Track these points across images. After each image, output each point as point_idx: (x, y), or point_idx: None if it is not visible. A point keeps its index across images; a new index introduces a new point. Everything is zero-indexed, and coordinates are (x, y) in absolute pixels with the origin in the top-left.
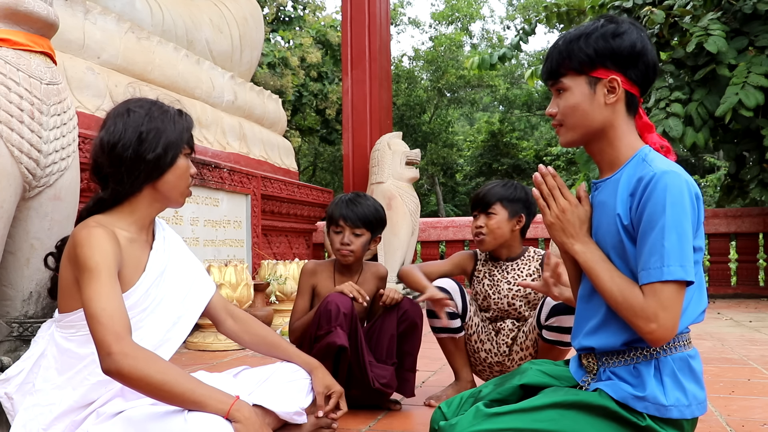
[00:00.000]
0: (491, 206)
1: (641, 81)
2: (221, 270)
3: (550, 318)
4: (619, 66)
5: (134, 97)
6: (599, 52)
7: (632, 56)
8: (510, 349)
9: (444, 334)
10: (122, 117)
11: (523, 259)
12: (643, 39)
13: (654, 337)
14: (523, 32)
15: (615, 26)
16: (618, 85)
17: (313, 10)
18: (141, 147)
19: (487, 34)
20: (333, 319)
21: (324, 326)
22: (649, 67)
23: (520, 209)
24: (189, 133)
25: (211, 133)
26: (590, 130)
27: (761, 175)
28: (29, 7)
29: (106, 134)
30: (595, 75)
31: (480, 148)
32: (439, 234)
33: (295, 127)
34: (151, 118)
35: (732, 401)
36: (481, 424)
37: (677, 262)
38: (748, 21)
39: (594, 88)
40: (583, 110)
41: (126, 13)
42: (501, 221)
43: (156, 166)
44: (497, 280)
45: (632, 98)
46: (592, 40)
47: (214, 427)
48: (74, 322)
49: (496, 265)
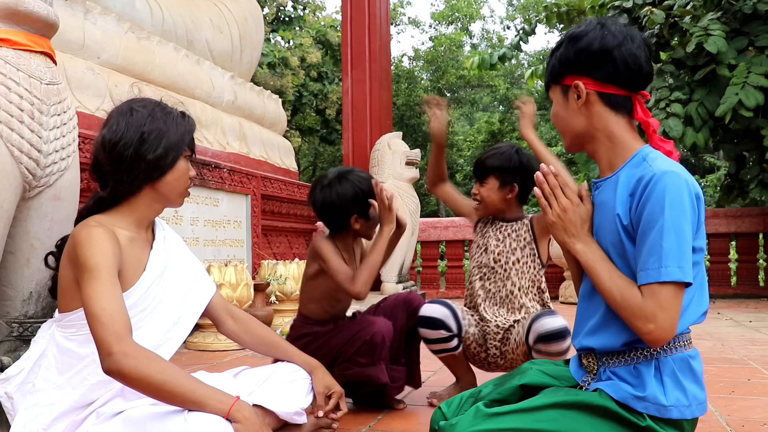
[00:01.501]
0: (485, 177)
1: (612, 79)
2: (221, 270)
3: (537, 343)
4: (580, 70)
5: (138, 97)
6: (562, 61)
7: (591, 57)
8: (502, 352)
9: (443, 354)
10: (125, 116)
11: (516, 223)
12: (603, 38)
13: (652, 337)
14: (523, 32)
15: (578, 31)
16: (581, 88)
17: (313, 10)
18: (142, 147)
19: (487, 34)
20: (378, 353)
21: (366, 356)
22: (617, 63)
23: (513, 179)
24: (190, 136)
25: (211, 133)
26: (575, 135)
27: (761, 175)
28: (29, 7)
29: (108, 132)
30: (564, 83)
31: (480, 148)
32: (439, 234)
33: (295, 127)
34: (154, 119)
35: (732, 401)
36: (481, 424)
37: (675, 263)
38: (748, 21)
39: (567, 96)
40: (561, 117)
41: (126, 13)
42: (491, 190)
43: (156, 167)
44: (489, 236)
45: (612, 98)
46: (559, 51)
47: (214, 427)
48: (74, 321)
49: (493, 224)
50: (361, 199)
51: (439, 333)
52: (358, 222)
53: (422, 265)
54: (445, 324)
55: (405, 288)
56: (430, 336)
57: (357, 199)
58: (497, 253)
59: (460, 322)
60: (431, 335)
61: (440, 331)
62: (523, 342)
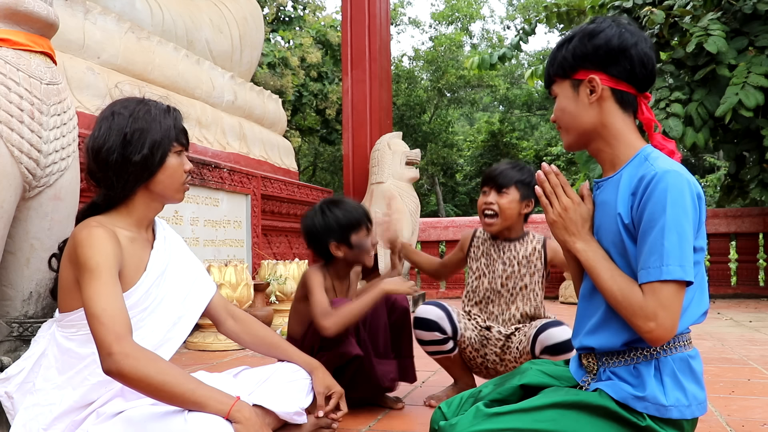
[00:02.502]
0: (507, 187)
1: (627, 77)
2: (221, 270)
3: (543, 354)
4: (597, 65)
5: (120, 99)
6: (576, 54)
7: (610, 53)
8: (502, 358)
9: (438, 356)
10: (107, 120)
11: (521, 241)
12: (621, 35)
13: (653, 336)
14: (523, 32)
15: (593, 26)
16: (597, 83)
17: (313, 10)
18: (126, 150)
19: (487, 34)
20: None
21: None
22: (633, 61)
23: (531, 194)
24: (177, 130)
25: (211, 133)
26: (582, 131)
27: (761, 175)
28: (29, 7)
29: (91, 139)
30: (576, 77)
31: (480, 148)
32: (439, 234)
33: (295, 127)
34: (135, 119)
35: (732, 401)
36: (481, 424)
37: (676, 262)
38: (748, 21)
39: (577, 90)
40: (569, 112)
41: (126, 13)
42: (513, 201)
43: (144, 168)
44: (493, 259)
45: (623, 95)
46: (572, 44)
47: (215, 427)
48: (75, 321)
49: (494, 244)
50: (341, 227)
51: (433, 335)
52: (340, 249)
53: None
54: (440, 326)
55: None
56: (424, 338)
57: (335, 227)
58: (505, 278)
59: (455, 324)
60: (425, 337)
61: (434, 333)
62: (527, 352)
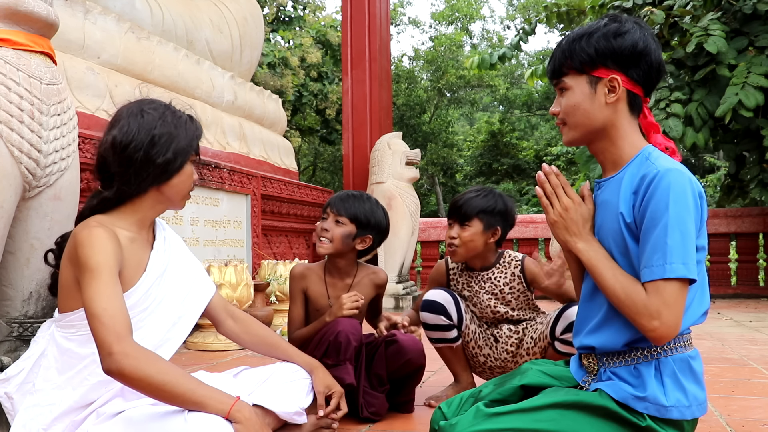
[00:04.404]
0: (469, 219)
1: (644, 81)
2: (221, 270)
3: (566, 333)
4: (620, 65)
5: (148, 98)
6: (600, 51)
7: (633, 56)
8: (514, 355)
9: (441, 344)
10: (136, 117)
11: (498, 266)
12: (646, 39)
13: (656, 334)
14: (523, 32)
15: (618, 25)
16: (618, 84)
17: (313, 10)
18: (152, 150)
19: (487, 34)
20: (343, 352)
21: (332, 356)
22: (651, 67)
23: (497, 222)
24: (198, 140)
25: (211, 133)
26: (591, 129)
27: (761, 175)
28: (29, 7)
29: (119, 133)
30: (595, 74)
31: (480, 148)
32: (439, 234)
33: (295, 127)
34: (165, 122)
35: (732, 401)
36: (482, 424)
37: (680, 260)
38: (748, 21)
39: (595, 88)
40: (584, 109)
41: (126, 13)
42: (476, 234)
43: (164, 170)
44: (476, 291)
45: (635, 98)
46: (593, 39)
47: (215, 427)
48: (74, 321)
49: (472, 276)
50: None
51: (438, 318)
52: (364, 242)
53: (422, 265)
54: (446, 310)
55: (405, 288)
56: (430, 321)
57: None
58: (494, 307)
59: (461, 313)
60: (431, 320)
61: (440, 317)
62: (545, 336)
